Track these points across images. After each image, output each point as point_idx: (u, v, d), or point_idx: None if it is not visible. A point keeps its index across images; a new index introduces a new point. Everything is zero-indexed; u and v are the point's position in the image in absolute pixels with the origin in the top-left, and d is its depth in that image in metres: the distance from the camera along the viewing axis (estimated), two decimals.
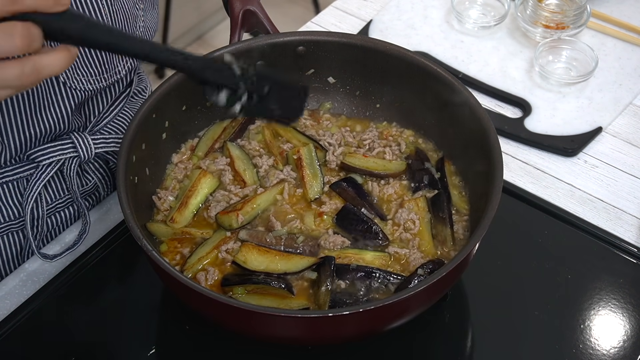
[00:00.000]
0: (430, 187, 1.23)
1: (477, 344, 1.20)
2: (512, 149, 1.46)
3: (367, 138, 1.31)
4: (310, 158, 1.24)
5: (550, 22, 1.61)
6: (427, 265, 1.11)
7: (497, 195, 1.08)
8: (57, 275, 1.24)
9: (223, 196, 1.22)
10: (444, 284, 1.05)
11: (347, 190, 1.22)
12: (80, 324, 1.21)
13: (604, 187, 1.40)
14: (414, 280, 1.09)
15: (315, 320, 1.00)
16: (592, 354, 1.16)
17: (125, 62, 1.25)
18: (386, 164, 1.27)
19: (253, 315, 0.99)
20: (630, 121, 1.51)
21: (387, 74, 1.31)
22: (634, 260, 1.28)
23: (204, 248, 1.16)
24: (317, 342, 1.12)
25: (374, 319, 1.02)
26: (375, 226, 1.17)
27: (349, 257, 1.14)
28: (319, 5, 3.54)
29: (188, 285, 0.99)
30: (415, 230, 1.18)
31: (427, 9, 1.72)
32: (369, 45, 1.30)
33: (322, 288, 1.09)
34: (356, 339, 1.14)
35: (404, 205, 1.21)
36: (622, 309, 1.22)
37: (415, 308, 1.06)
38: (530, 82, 1.57)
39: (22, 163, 1.22)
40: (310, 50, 1.31)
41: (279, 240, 1.15)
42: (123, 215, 1.06)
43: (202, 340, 1.18)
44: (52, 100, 1.16)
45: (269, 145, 1.30)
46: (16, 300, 1.22)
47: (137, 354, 1.17)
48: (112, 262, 1.27)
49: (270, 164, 1.27)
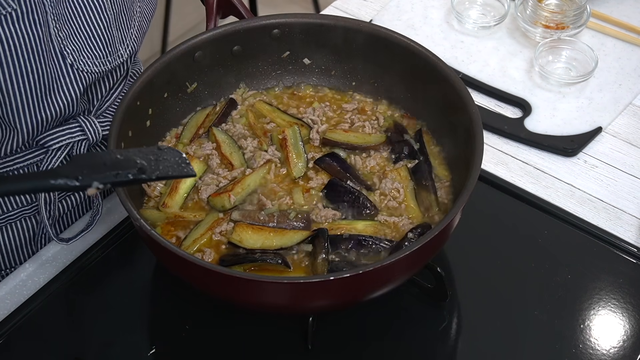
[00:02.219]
0: (410, 157, 1.27)
1: (476, 344, 1.20)
2: (512, 149, 1.46)
3: (347, 111, 1.35)
4: (295, 138, 1.28)
5: (550, 22, 1.61)
6: (416, 229, 1.15)
7: (480, 154, 1.12)
8: (57, 276, 1.25)
9: (212, 179, 1.25)
10: (433, 246, 1.09)
11: (331, 164, 1.25)
12: (81, 324, 1.21)
13: (604, 187, 1.40)
14: (405, 243, 1.13)
15: (309, 285, 1.02)
16: (592, 354, 1.16)
17: (126, 46, 1.27)
18: (366, 137, 1.30)
19: (245, 283, 1.02)
20: (630, 121, 1.51)
21: (358, 51, 1.35)
22: (634, 260, 1.28)
23: (198, 230, 1.18)
24: (316, 309, 1.14)
25: (368, 282, 1.05)
26: (363, 196, 1.20)
27: (341, 228, 1.17)
28: (319, 6, 3.54)
29: (189, 259, 1.02)
30: (400, 198, 1.22)
31: (427, 9, 1.72)
32: (336, 24, 1.33)
33: (319, 259, 1.11)
34: (355, 304, 1.16)
35: (386, 175, 1.25)
36: (622, 309, 1.22)
37: (407, 271, 1.09)
38: (530, 82, 1.57)
39: (32, 149, 1.24)
40: (285, 33, 1.34)
41: (271, 218, 1.18)
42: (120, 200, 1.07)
43: (202, 340, 1.18)
44: (61, 83, 1.18)
45: (252, 127, 1.33)
46: (16, 300, 1.22)
47: (137, 354, 1.17)
48: (112, 262, 1.28)
49: (255, 145, 1.30)
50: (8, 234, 1.31)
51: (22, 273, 1.26)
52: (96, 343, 1.19)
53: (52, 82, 1.16)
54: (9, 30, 1.07)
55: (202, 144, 1.30)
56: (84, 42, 1.19)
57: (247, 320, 1.19)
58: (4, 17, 1.05)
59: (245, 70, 1.38)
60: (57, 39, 1.14)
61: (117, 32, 1.24)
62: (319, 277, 1.06)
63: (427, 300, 1.21)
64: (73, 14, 1.16)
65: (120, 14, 1.23)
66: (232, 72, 1.37)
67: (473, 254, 1.27)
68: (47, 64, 1.13)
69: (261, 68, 1.39)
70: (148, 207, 1.22)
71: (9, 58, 1.08)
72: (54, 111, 1.19)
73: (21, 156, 1.24)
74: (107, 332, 1.20)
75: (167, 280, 1.26)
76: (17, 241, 1.32)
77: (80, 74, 1.20)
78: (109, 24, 1.21)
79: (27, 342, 1.18)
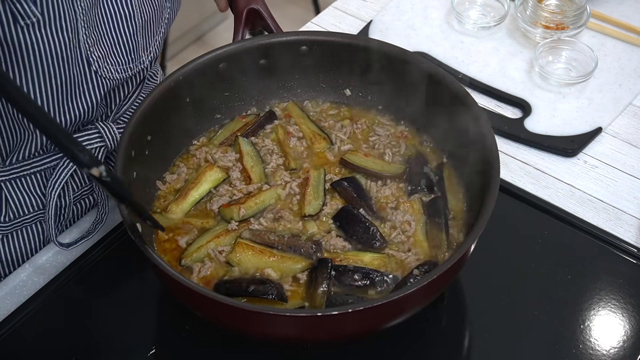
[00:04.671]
0: (427, 190, 1.24)
1: (476, 345, 1.20)
2: (512, 150, 1.46)
3: (377, 134, 1.33)
4: (317, 181, 1.25)
5: (550, 23, 1.61)
6: (423, 266, 1.12)
7: (494, 196, 1.09)
8: (57, 276, 1.25)
9: (227, 191, 1.24)
10: (438, 284, 1.06)
11: (347, 189, 1.22)
12: (81, 324, 1.21)
13: (604, 187, 1.40)
14: (410, 280, 1.10)
15: (305, 319, 1.01)
16: (592, 354, 1.16)
17: (149, 52, 1.28)
18: (385, 165, 1.27)
19: (244, 313, 1.00)
20: (630, 121, 1.51)
21: (388, 74, 1.32)
22: (634, 261, 1.28)
23: (204, 237, 1.17)
24: (310, 340, 1.13)
25: (369, 318, 1.03)
26: (374, 227, 1.17)
27: (347, 259, 1.14)
28: (319, 6, 3.54)
29: (181, 282, 1.01)
30: (410, 232, 1.19)
31: (427, 9, 1.72)
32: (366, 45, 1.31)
33: (319, 290, 1.09)
34: (354, 338, 1.14)
35: (399, 207, 1.21)
36: (622, 309, 1.22)
37: (410, 307, 1.07)
38: (530, 83, 1.57)
39: (49, 153, 1.24)
40: (314, 50, 1.33)
41: (281, 239, 1.16)
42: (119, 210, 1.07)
43: (202, 340, 1.18)
44: (84, 88, 1.18)
45: (281, 144, 1.31)
46: (16, 300, 1.22)
47: (137, 354, 1.17)
48: (112, 263, 1.28)
49: (280, 163, 1.28)
50: (24, 236, 1.31)
51: (22, 273, 1.26)
52: (96, 343, 1.19)
53: (74, 87, 1.16)
54: (35, 37, 1.07)
55: (227, 151, 1.29)
56: (110, 48, 1.20)
57: None
58: (26, 26, 1.05)
59: (288, 84, 1.37)
60: (85, 45, 1.14)
61: (142, 39, 1.24)
62: (305, 312, 1.04)
63: None
64: (103, 20, 1.16)
65: (149, 21, 1.24)
66: (274, 86, 1.37)
67: (473, 255, 1.27)
68: (72, 69, 1.14)
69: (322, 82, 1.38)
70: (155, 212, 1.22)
71: (33, 63, 1.09)
72: (73, 116, 1.19)
73: (37, 160, 1.24)
74: (107, 332, 1.20)
75: None
76: (32, 244, 1.32)
77: (102, 80, 1.20)
78: (135, 31, 1.21)
79: (27, 342, 1.18)
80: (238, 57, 1.29)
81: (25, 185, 1.26)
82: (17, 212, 1.27)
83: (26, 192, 1.26)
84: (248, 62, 1.31)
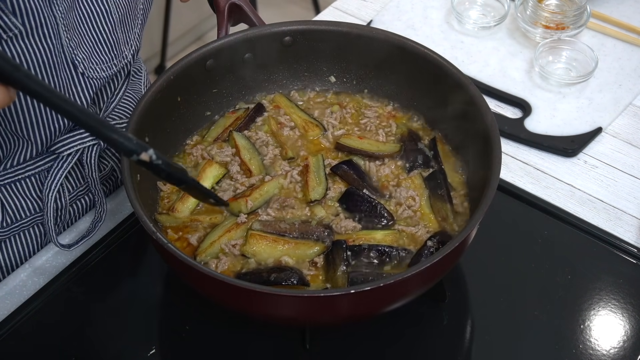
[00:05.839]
0: (424, 166, 1.27)
1: (476, 345, 1.20)
2: (512, 150, 1.46)
3: (366, 117, 1.35)
4: (317, 167, 1.25)
5: (550, 23, 1.61)
6: (435, 237, 1.15)
7: (498, 165, 1.11)
8: (57, 276, 1.25)
9: (229, 185, 1.24)
10: (453, 257, 1.09)
11: (348, 172, 1.24)
12: (81, 324, 1.21)
13: (604, 187, 1.40)
14: (425, 252, 1.12)
15: (344, 297, 1.01)
16: (592, 354, 1.16)
17: (130, 46, 1.28)
18: (380, 145, 1.30)
19: (260, 296, 1.00)
20: (630, 121, 1.51)
21: (381, 61, 1.34)
22: (634, 261, 1.28)
23: (216, 232, 1.17)
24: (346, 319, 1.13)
25: (401, 290, 1.05)
26: (380, 206, 1.19)
27: (360, 238, 1.16)
28: (319, 6, 3.54)
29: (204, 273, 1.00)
30: (416, 207, 1.21)
31: (427, 9, 1.72)
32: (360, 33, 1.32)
33: (339, 271, 1.11)
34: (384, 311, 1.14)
35: (401, 184, 1.24)
36: (622, 309, 1.22)
37: (429, 281, 1.09)
38: (530, 83, 1.57)
39: (43, 156, 1.24)
40: (298, 40, 1.34)
41: (292, 227, 1.16)
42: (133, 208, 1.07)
43: (202, 340, 1.18)
44: (72, 91, 1.18)
45: (275, 135, 1.32)
46: (16, 300, 1.22)
47: (137, 354, 1.17)
48: (112, 263, 1.27)
49: (276, 153, 1.29)
50: (22, 240, 1.30)
51: (22, 274, 1.26)
52: (96, 343, 1.19)
53: (63, 92, 1.16)
54: (19, 48, 1.07)
55: (223, 147, 1.30)
56: (92, 47, 1.19)
57: (247, 321, 1.19)
58: (9, 39, 1.05)
59: (273, 76, 1.38)
60: (68, 49, 1.14)
61: (122, 34, 1.24)
62: (339, 291, 1.04)
63: (426, 301, 1.21)
64: (81, 20, 1.16)
65: (125, 15, 1.23)
66: (259, 78, 1.37)
67: (473, 255, 1.27)
68: (59, 74, 1.14)
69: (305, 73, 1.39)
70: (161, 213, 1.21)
71: None
72: (66, 121, 1.19)
73: (32, 163, 1.24)
74: (107, 332, 1.20)
75: (167, 281, 1.27)
76: (29, 248, 1.32)
77: (89, 81, 1.20)
78: (114, 27, 1.21)
79: (27, 342, 1.18)
80: (224, 53, 1.30)
81: (21, 189, 1.25)
82: (14, 216, 1.27)
83: (22, 196, 1.26)
84: (234, 57, 1.31)
